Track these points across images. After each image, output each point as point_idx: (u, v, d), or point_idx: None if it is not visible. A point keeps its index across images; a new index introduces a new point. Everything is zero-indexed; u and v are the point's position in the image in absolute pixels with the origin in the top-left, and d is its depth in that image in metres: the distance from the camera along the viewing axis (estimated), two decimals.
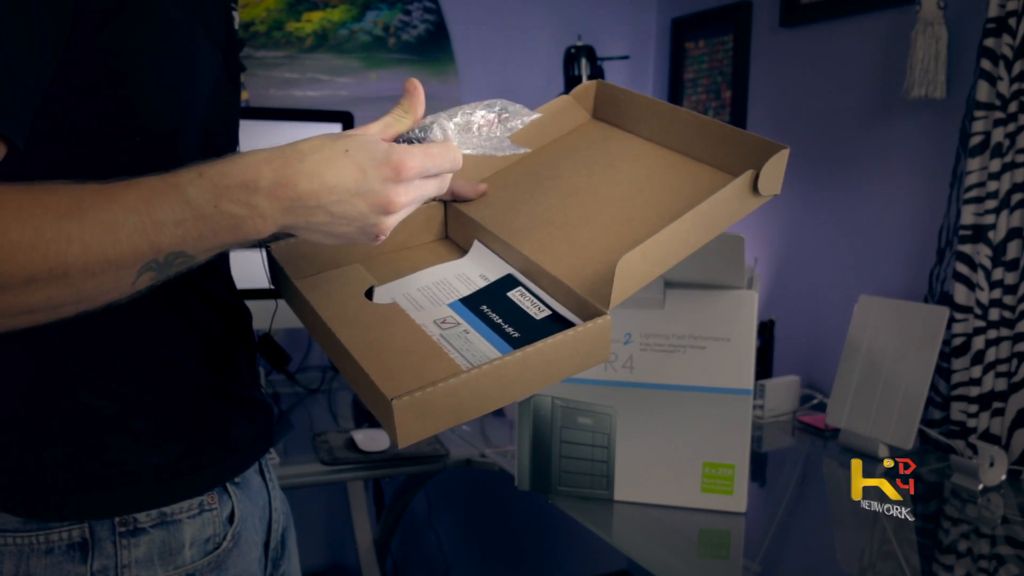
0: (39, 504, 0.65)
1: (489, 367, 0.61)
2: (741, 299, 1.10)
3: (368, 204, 0.57)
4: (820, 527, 1.24)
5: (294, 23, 1.94)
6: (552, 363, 0.64)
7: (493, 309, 0.73)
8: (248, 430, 0.76)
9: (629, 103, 0.90)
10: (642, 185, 0.81)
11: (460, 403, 0.60)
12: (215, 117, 0.70)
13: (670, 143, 0.85)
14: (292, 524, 0.87)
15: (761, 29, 1.98)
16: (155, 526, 0.68)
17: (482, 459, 1.42)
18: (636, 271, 0.68)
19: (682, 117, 0.84)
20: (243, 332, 0.79)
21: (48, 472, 0.65)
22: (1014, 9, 1.33)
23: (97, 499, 0.66)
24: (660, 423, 1.13)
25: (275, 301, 1.02)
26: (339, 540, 2.11)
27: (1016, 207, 1.36)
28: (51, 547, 0.65)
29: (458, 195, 0.85)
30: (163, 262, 0.54)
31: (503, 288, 0.75)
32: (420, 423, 0.59)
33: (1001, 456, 1.28)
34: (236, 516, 0.73)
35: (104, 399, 0.66)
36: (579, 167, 0.87)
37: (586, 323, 0.65)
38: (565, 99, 0.94)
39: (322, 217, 0.57)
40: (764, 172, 0.73)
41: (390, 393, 0.57)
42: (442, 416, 0.60)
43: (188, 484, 0.70)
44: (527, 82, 2.18)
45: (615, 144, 0.89)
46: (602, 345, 0.66)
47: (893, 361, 1.40)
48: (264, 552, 0.79)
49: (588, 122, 0.95)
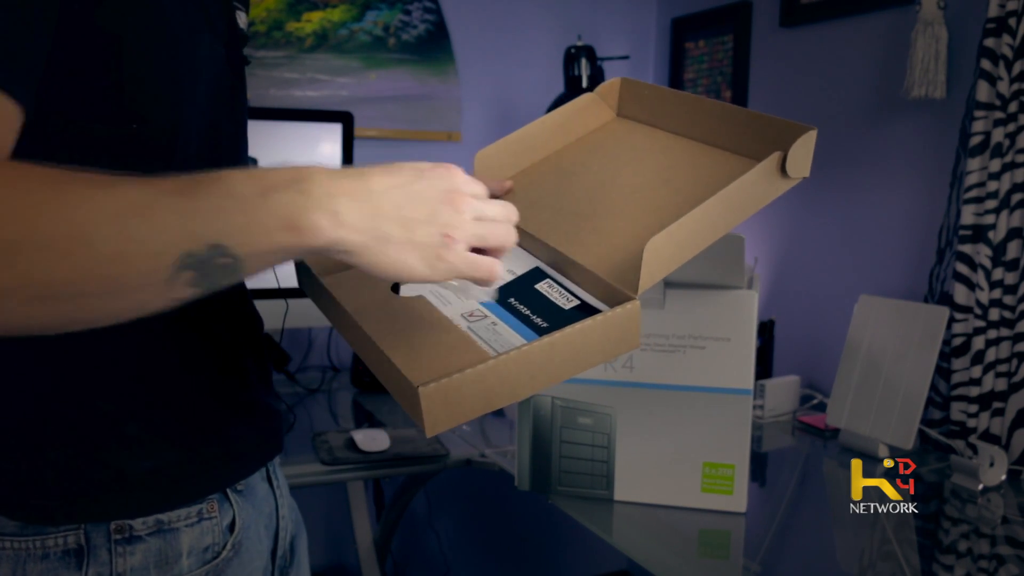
0: (34, 507, 0.64)
1: (516, 353, 0.60)
2: (741, 299, 1.10)
3: (434, 192, 0.54)
4: (820, 527, 1.24)
5: (294, 23, 1.94)
6: (581, 350, 0.63)
7: (521, 301, 0.72)
8: (250, 436, 0.75)
9: (655, 97, 0.89)
10: (668, 175, 0.80)
11: (488, 390, 0.59)
12: (220, 111, 0.70)
13: (696, 134, 0.84)
14: (303, 531, 0.86)
15: (761, 29, 1.98)
16: (151, 534, 0.67)
17: (482, 459, 1.42)
18: (663, 255, 0.67)
19: (706, 107, 0.84)
20: (251, 336, 0.77)
21: (44, 474, 0.64)
22: (1014, 9, 1.33)
23: (91, 503, 0.65)
24: (660, 423, 1.13)
25: (285, 301, 1.02)
26: (339, 540, 2.11)
27: (1016, 207, 1.36)
28: (47, 552, 0.64)
29: None
30: (203, 256, 0.47)
31: (531, 281, 0.74)
32: (448, 411, 0.58)
33: (1001, 456, 1.28)
34: (237, 525, 0.72)
35: (99, 400, 0.65)
36: (605, 162, 0.86)
37: (614, 308, 0.64)
38: (590, 96, 0.93)
39: (388, 207, 0.51)
40: (792, 153, 0.73)
41: (416, 380, 0.57)
42: (471, 404, 0.59)
43: (184, 490, 0.69)
44: (527, 82, 2.18)
45: (640, 138, 0.88)
46: (631, 331, 0.65)
47: (893, 361, 1.40)
48: (271, 560, 0.78)
49: (613, 120, 0.94)
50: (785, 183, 0.74)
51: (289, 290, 1.56)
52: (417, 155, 2.08)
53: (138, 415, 0.66)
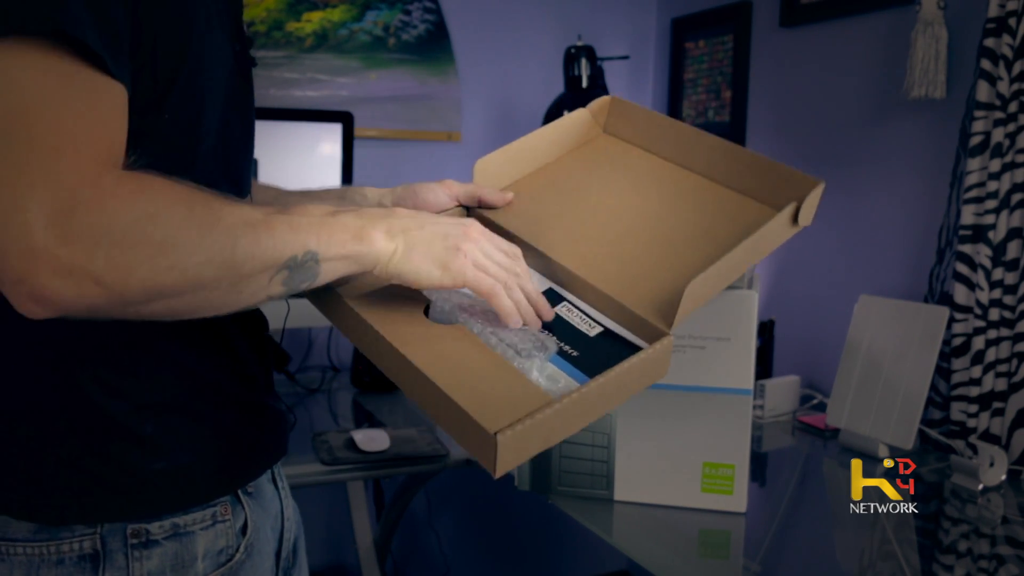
0: (46, 507, 0.64)
1: (577, 395, 0.64)
2: (741, 299, 1.10)
3: (449, 225, 0.69)
4: (820, 527, 1.24)
5: (294, 23, 1.94)
6: (624, 385, 0.68)
7: (546, 325, 0.74)
8: (260, 438, 0.75)
9: (648, 122, 0.93)
10: (673, 206, 0.85)
11: (550, 430, 0.63)
12: (231, 109, 0.70)
13: (693, 165, 0.88)
14: (303, 533, 0.86)
15: (761, 29, 1.98)
16: (167, 538, 0.67)
17: None
18: (698, 294, 0.72)
19: (708, 142, 0.87)
20: (258, 339, 0.78)
21: (56, 474, 0.64)
22: (1014, 9, 1.33)
23: (105, 504, 0.65)
24: (660, 423, 1.13)
25: (286, 302, 1.02)
26: (339, 540, 2.11)
27: (1016, 207, 1.36)
28: (61, 558, 0.64)
29: (484, 201, 0.86)
30: (301, 259, 0.60)
31: (550, 303, 0.76)
32: (517, 453, 0.61)
33: (1001, 456, 1.28)
34: (249, 527, 0.72)
35: (112, 399, 0.65)
36: (605, 183, 0.89)
37: (654, 345, 0.69)
38: (582, 113, 0.96)
39: (414, 227, 0.67)
40: (805, 206, 0.79)
41: (492, 427, 0.59)
42: (535, 444, 0.63)
43: (197, 492, 0.69)
44: (527, 82, 2.18)
45: (635, 161, 0.92)
46: (664, 363, 0.71)
47: (893, 361, 1.40)
48: (276, 562, 0.78)
49: (600, 136, 0.97)
50: (793, 230, 0.81)
51: None
52: (417, 155, 2.09)
53: (151, 416, 0.66)
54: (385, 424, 1.58)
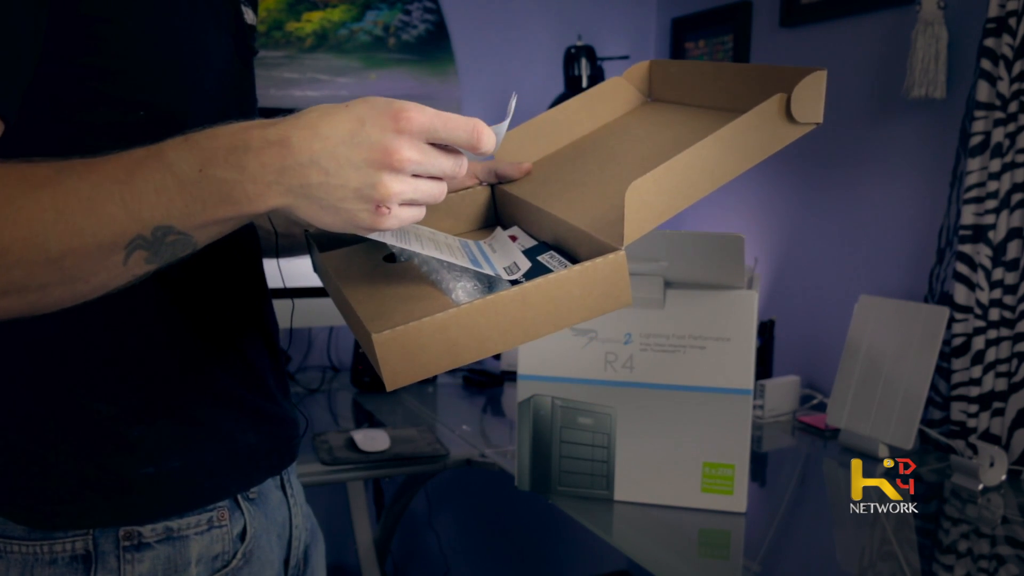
0: (38, 510, 0.64)
1: (482, 302, 0.55)
2: (741, 299, 1.10)
3: (364, 155, 0.50)
4: (820, 527, 1.24)
5: (294, 23, 1.94)
6: (559, 303, 0.58)
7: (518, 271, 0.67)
8: (260, 443, 0.73)
9: (682, 73, 0.86)
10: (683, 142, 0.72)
11: (452, 342, 0.55)
12: (229, 101, 0.69)
13: (719, 103, 0.79)
14: (319, 539, 0.85)
15: (761, 29, 1.98)
16: (160, 541, 0.66)
17: (482, 459, 1.41)
18: (650, 201, 0.62)
19: (726, 72, 0.79)
20: (268, 344, 0.76)
21: (48, 477, 0.64)
22: (1014, 9, 1.33)
23: (96, 508, 0.64)
24: (660, 423, 1.13)
25: (291, 301, 1.01)
26: (339, 540, 2.11)
27: (1016, 207, 1.36)
28: (54, 557, 0.64)
29: (502, 176, 0.82)
30: (151, 238, 0.50)
31: (534, 254, 0.70)
32: (408, 363, 0.54)
33: (1001, 456, 1.28)
34: (248, 533, 0.71)
35: (101, 402, 0.64)
36: (623, 138, 0.83)
37: (595, 259, 0.58)
38: (618, 81, 0.90)
39: (316, 176, 0.50)
40: (797, 94, 0.66)
41: (374, 329, 0.53)
42: (434, 356, 0.55)
43: (189, 496, 0.68)
44: (527, 82, 2.18)
45: (665, 115, 0.85)
46: (619, 286, 0.59)
47: (893, 361, 1.40)
48: (283, 569, 0.77)
49: (644, 104, 0.91)
50: (793, 129, 0.67)
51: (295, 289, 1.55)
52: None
53: (139, 420, 0.66)
54: (385, 424, 1.58)
